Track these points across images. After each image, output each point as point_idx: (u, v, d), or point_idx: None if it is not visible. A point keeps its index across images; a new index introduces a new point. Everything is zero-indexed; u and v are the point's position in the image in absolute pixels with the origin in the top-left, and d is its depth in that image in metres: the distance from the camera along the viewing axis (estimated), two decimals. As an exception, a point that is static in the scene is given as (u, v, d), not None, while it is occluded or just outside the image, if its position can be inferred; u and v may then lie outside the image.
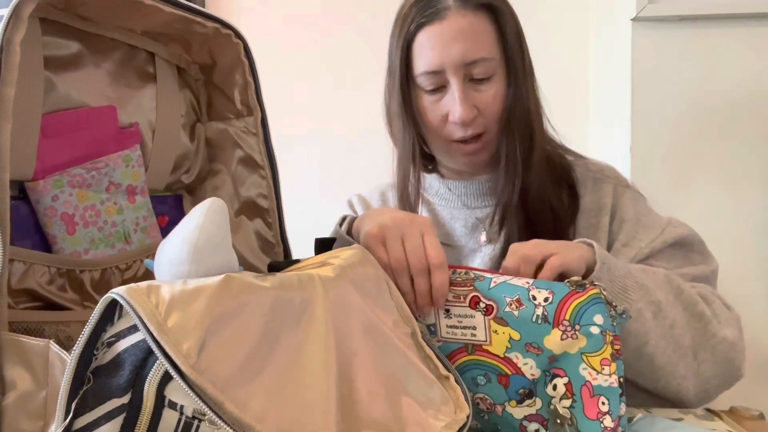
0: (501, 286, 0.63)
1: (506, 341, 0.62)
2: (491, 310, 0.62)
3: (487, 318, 0.62)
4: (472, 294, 0.63)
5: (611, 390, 0.58)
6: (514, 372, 0.62)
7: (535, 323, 0.60)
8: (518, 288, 0.62)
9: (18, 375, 0.48)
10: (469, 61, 0.82)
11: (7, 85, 0.50)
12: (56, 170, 0.64)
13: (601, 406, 0.58)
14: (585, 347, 0.59)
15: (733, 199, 1.19)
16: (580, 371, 0.59)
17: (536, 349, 0.61)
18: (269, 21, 1.58)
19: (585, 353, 0.59)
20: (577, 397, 0.60)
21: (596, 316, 0.59)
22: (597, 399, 0.59)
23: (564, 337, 0.59)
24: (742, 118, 1.18)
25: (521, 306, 0.61)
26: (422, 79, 0.85)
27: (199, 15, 0.68)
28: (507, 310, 0.61)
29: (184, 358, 0.38)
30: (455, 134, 0.86)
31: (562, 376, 0.60)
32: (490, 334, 0.62)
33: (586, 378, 0.59)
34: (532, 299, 0.61)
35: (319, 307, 0.49)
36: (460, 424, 0.55)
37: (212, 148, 0.79)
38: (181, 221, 0.49)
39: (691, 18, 1.17)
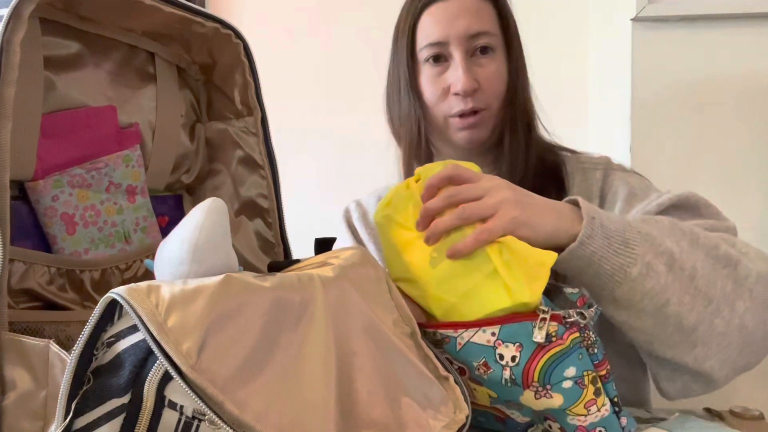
0: (466, 347, 0.59)
1: (487, 398, 0.61)
2: (464, 372, 0.60)
3: (464, 378, 0.61)
4: (445, 355, 0.61)
5: (606, 420, 0.57)
6: (506, 417, 0.62)
7: (506, 386, 0.58)
8: (484, 348, 0.58)
9: (18, 375, 0.48)
10: (473, 33, 0.85)
11: (7, 84, 0.50)
12: (56, 170, 0.64)
13: None
14: (563, 404, 0.57)
15: (734, 199, 1.19)
16: (569, 421, 0.58)
17: (517, 405, 0.59)
18: (269, 21, 1.58)
19: (566, 408, 0.57)
20: None
21: (567, 370, 0.56)
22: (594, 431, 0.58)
23: (538, 397, 0.57)
24: (743, 118, 1.18)
25: (489, 369, 0.58)
26: (426, 51, 0.87)
27: (199, 15, 0.68)
28: (477, 373, 0.59)
29: (184, 358, 0.38)
30: (454, 108, 0.86)
31: (554, 421, 0.59)
32: (470, 389, 0.61)
33: (578, 424, 0.58)
34: (498, 359, 0.57)
35: (319, 307, 0.49)
36: (460, 425, 0.55)
37: (212, 148, 0.79)
38: (181, 221, 0.49)
39: (691, 18, 1.17)
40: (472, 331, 0.58)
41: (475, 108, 0.86)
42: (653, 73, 1.20)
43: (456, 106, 0.86)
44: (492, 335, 0.57)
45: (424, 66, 0.89)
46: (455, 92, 0.86)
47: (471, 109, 0.86)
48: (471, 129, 0.88)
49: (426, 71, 0.89)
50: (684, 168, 1.20)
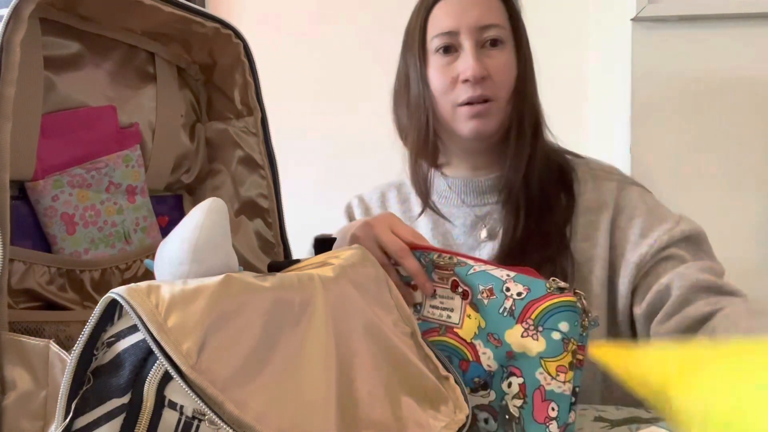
0: (479, 274, 0.65)
1: (475, 327, 0.64)
2: (467, 294, 0.64)
3: (464, 302, 0.65)
4: (452, 278, 0.66)
5: (563, 397, 0.59)
6: (474, 359, 0.64)
7: (501, 315, 0.62)
8: (494, 278, 0.64)
9: (18, 375, 0.48)
10: (484, 24, 0.87)
11: (7, 84, 0.50)
12: (56, 170, 0.64)
13: (550, 412, 0.60)
14: (543, 351, 0.60)
15: (734, 199, 1.19)
16: (536, 375, 0.60)
17: (497, 341, 0.62)
18: (269, 21, 1.58)
19: (543, 358, 0.60)
20: (529, 399, 0.61)
21: (562, 323, 0.59)
22: (547, 404, 0.60)
23: (525, 335, 0.60)
24: (743, 118, 1.18)
25: (492, 296, 0.63)
26: (437, 40, 0.88)
27: (199, 15, 0.68)
28: (479, 297, 0.64)
29: (184, 358, 0.38)
30: (462, 96, 0.87)
31: (518, 375, 0.61)
32: (464, 318, 0.65)
33: (541, 382, 0.60)
34: (504, 290, 0.62)
35: (319, 307, 0.49)
36: (460, 425, 0.55)
37: (212, 148, 0.79)
38: (181, 221, 0.49)
39: (691, 18, 1.17)
40: (491, 266, 0.65)
41: (483, 96, 0.86)
42: (653, 73, 1.20)
43: (464, 94, 0.87)
44: (507, 275, 0.63)
45: (434, 56, 0.89)
46: (465, 79, 0.86)
47: (480, 97, 0.86)
48: (479, 119, 0.87)
49: (436, 61, 0.89)
50: (684, 168, 1.20)
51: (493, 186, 0.94)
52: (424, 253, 0.68)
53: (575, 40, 1.47)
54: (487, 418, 0.64)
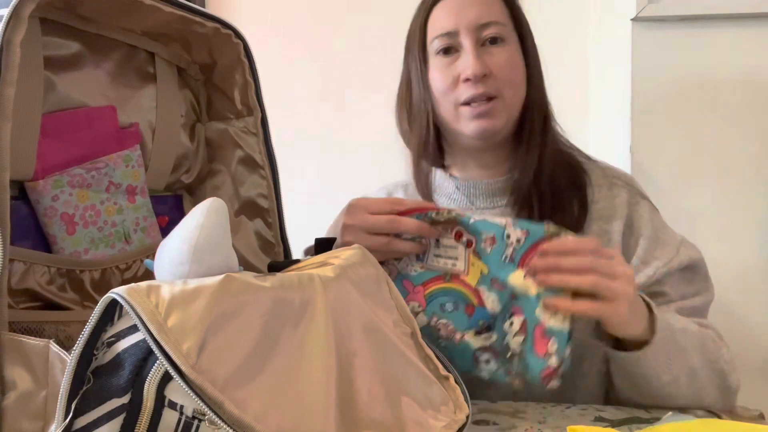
0: (480, 222, 0.68)
1: (479, 273, 0.68)
2: (471, 243, 0.68)
3: (468, 250, 0.69)
4: (456, 228, 0.70)
5: (561, 333, 0.63)
6: (479, 304, 0.68)
7: (503, 261, 0.66)
8: (495, 226, 0.67)
9: (18, 375, 0.48)
10: (483, 22, 0.86)
11: (7, 85, 0.50)
12: (56, 170, 0.64)
13: (550, 346, 0.64)
14: (543, 291, 0.64)
15: (734, 199, 1.19)
16: (536, 313, 0.64)
17: (500, 285, 0.67)
18: (269, 21, 1.58)
19: (542, 297, 0.64)
20: (530, 335, 0.65)
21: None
22: (547, 339, 0.64)
23: (526, 277, 0.65)
24: (743, 117, 1.18)
25: (494, 244, 0.67)
26: (437, 42, 0.88)
27: (199, 15, 0.68)
28: (482, 245, 0.68)
29: (184, 358, 0.38)
30: (464, 95, 0.85)
31: (519, 314, 0.66)
32: (468, 265, 0.68)
33: (541, 319, 0.64)
34: (505, 238, 0.66)
35: (319, 307, 0.49)
36: (460, 425, 0.55)
37: (212, 148, 0.79)
38: (181, 221, 0.49)
39: (691, 18, 1.17)
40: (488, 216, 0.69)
41: (486, 93, 0.84)
42: (653, 73, 1.19)
43: (465, 93, 0.85)
44: (505, 220, 0.67)
45: (434, 58, 0.89)
46: (465, 78, 0.85)
47: (482, 94, 0.84)
48: (483, 118, 0.85)
49: (436, 62, 0.88)
50: (684, 168, 1.20)
51: (503, 188, 0.91)
52: (420, 215, 0.71)
53: (575, 40, 1.47)
54: (489, 359, 0.68)
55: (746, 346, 1.17)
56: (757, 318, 1.18)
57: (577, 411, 0.71)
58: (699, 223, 1.17)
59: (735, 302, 1.16)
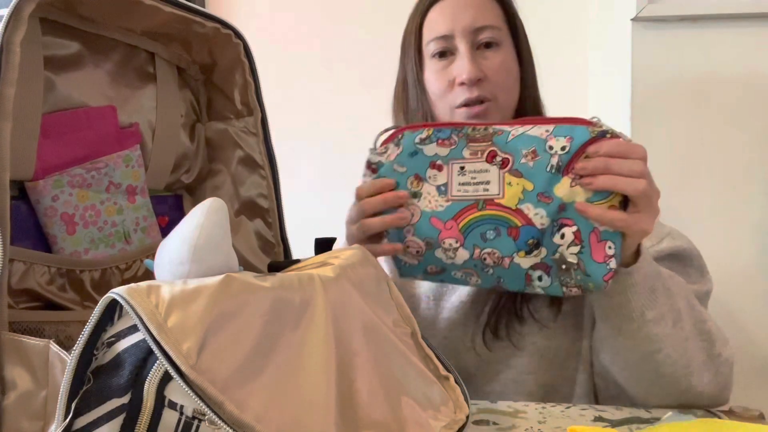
0: (519, 138, 0.65)
1: (519, 192, 0.64)
2: (507, 163, 0.65)
3: (503, 171, 0.65)
4: (489, 149, 0.66)
5: (616, 235, 0.62)
6: (524, 223, 0.64)
7: (549, 173, 0.63)
8: (535, 139, 0.64)
9: (18, 375, 0.48)
10: (478, 26, 0.86)
11: (7, 84, 0.50)
12: (56, 170, 0.64)
13: (608, 250, 0.62)
14: (593, 196, 0.62)
15: (734, 199, 1.19)
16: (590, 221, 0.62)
17: (547, 198, 0.63)
18: (269, 21, 1.58)
19: (594, 202, 0.62)
20: (585, 244, 0.63)
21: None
22: (604, 244, 0.62)
23: (573, 184, 0.62)
24: (743, 117, 1.18)
25: (536, 157, 0.64)
26: (432, 45, 0.88)
27: (199, 15, 0.68)
28: (522, 161, 0.64)
29: (184, 358, 0.38)
30: (459, 98, 0.86)
31: (571, 225, 0.63)
32: (503, 186, 0.65)
33: (595, 225, 0.62)
34: (548, 149, 0.64)
35: (319, 307, 0.49)
36: (460, 425, 0.55)
37: (212, 148, 0.79)
38: (181, 221, 0.49)
39: (691, 18, 1.17)
40: (528, 126, 0.65)
41: (480, 97, 0.86)
42: (653, 73, 1.19)
43: (461, 96, 0.86)
44: (546, 131, 0.64)
45: (430, 61, 0.89)
46: (460, 82, 0.86)
47: (476, 98, 0.86)
48: (477, 120, 0.86)
49: (432, 66, 0.89)
50: (684, 167, 1.20)
51: None
52: (455, 129, 0.68)
53: (575, 40, 1.47)
54: (540, 275, 0.65)
55: (746, 346, 1.17)
56: (757, 318, 1.18)
57: (577, 411, 0.71)
58: (698, 222, 1.17)
59: (734, 302, 1.16)
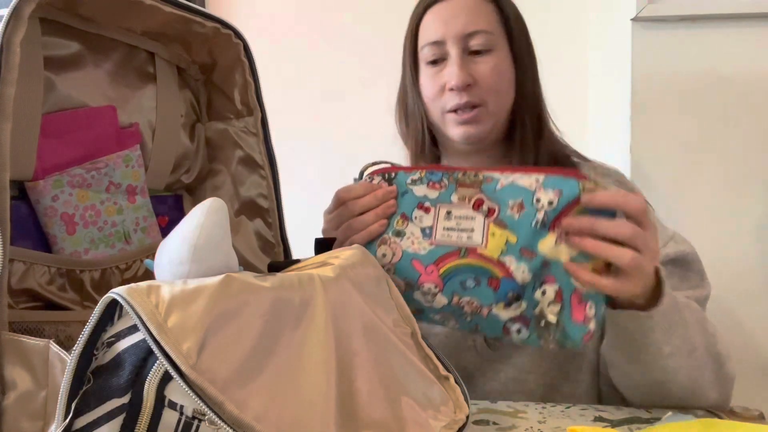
0: (507, 188, 0.64)
1: (503, 244, 0.63)
2: (493, 212, 0.63)
3: (488, 220, 0.64)
4: (477, 196, 0.65)
5: (598, 296, 0.61)
6: (505, 275, 0.62)
7: (534, 228, 0.61)
8: (523, 190, 0.63)
9: (18, 375, 0.48)
10: (469, 32, 0.87)
11: (7, 84, 0.50)
12: (56, 170, 0.64)
13: (588, 311, 0.61)
14: (577, 255, 0.60)
15: (734, 199, 1.19)
16: (571, 279, 0.61)
17: (530, 252, 0.62)
18: (269, 21, 1.58)
19: (577, 261, 0.60)
20: (566, 303, 0.61)
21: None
22: (585, 305, 0.61)
23: (558, 242, 0.61)
24: (742, 118, 1.18)
25: (522, 209, 0.62)
26: (425, 50, 0.89)
27: (199, 15, 0.68)
28: (508, 213, 0.63)
29: (184, 358, 0.38)
30: (449, 103, 0.87)
31: (552, 283, 0.62)
32: (487, 236, 0.63)
33: (576, 285, 0.61)
34: (535, 203, 0.62)
35: (319, 307, 0.49)
36: (460, 425, 0.55)
37: (212, 148, 0.79)
38: (181, 221, 0.49)
39: (691, 18, 1.17)
40: (519, 174, 0.63)
41: (470, 102, 0.86)
42: (653, 73, 1.19)
43: (451, 101, 0.87)
44: (536, 181, 0.62)
45: (424, 65, 0.90)
46: (450, 87, 0.87)
47: (466, 104, 0.86)
48: (467, 125, 0.88)
49: (426, 70, 0.90)
50: (684, 168, 1.20)
51: None
52: (447, 173, 0.67)
53: (575, 40, 1.47)
54: (520, 328, 0.64)
55: (746, 346, 1.17)
56: (757, 318, 1.18)
57: (577, 411, 0.71)
58: (698, 222, 1.17)
59: (734, 302, 1.16)
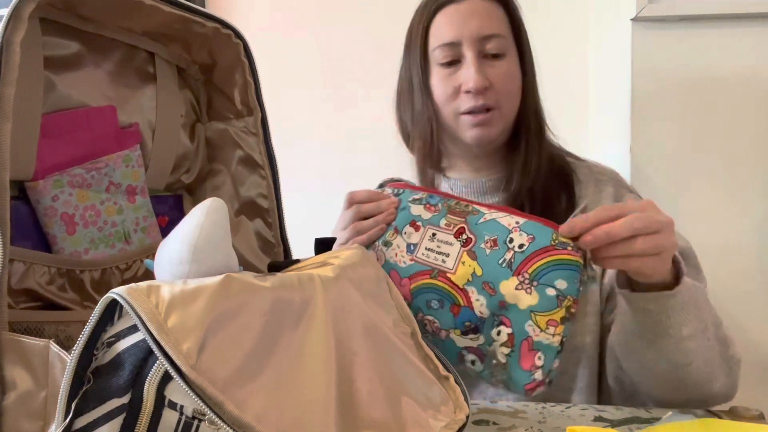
0: (488, 223, 0.66)
1: (469, 274, 0.65)
2: (469, 242, 0.66)
3: (463, 249, 0.66)
4: (460, 225, 0.67)
5: (550, 348, 0.61)
6: (466, 305, 0.64)
7: (500, 266, 0.63)
8: (501, 228, 0.65)
9: (18, 375, 0.48)
10: (485, 35, 0.87)
11: (7, 84, 0.50)
12: (56, 170, 0.64)
13: (537, 360, 0.61)
14: (535, 306, 0.61)
15: (734, 199, 1.19)
16: (525, 327, 0.62)
17: (491, 289, 0.63)
18: (269, 20, 1.58)
19: (534, 311, 0.61)
20: (516, 349, 0.62)
21: (559, 280, 0.61)
22: (534, 354, 0.61)
23: (519, 288, 0.62)
24: (743, 118, 1.18)
25: (495, 246, 0.64)
26: (438, 52, 0.89)
27: (199, 15, 0.68)
28: (482, 246, 0.65)
29: (184, 358, 0.38)
30: (465, 105, 0.88)
31: (508, 326, 0.63)
32: (458, 263, 0.65)
33: (529, 333, 0.61)
34: (508, 242, 0.64)
35: (319, 307, 0.49)
36: (460, 425, 0.55)
37: (212, 148, 0.79)
38: (181, 221, 0.49)
39: (691, 18, 1.17)
40: (503, 213, 0.66)
41: (485, 105, 0.87)
42: (653, 73, 1.19)
43: (466, 103, 0.88)
44: (516, 223, 0.65)
45: (436, 67, 0.90)
46: (467, 90, 0.87)
47: (482, 106, 0.87)
48: (481, 127, 0.89)
49: (438, 71, 0.90)
50: (684, 168, 1.20)
51: (494, 186, 0.95)
52: (443, 199, 0.70)
53: (575, 40, 1.47)
54: (474, 360, 0.66)
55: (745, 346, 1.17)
56: (757, 318, 1.18)
57: (578, 411, 0.71)
58: (698, 222, 1.17)
59: (734, 302, 1.16)
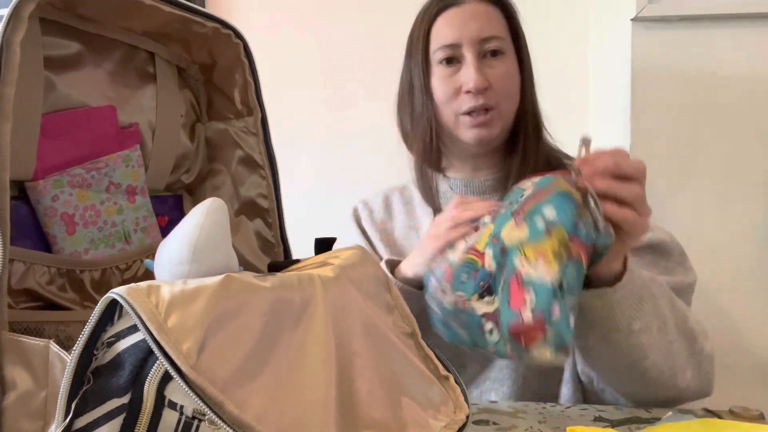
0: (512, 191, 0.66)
1: (487, 236, 0.64)
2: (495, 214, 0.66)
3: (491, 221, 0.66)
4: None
5: (542, 287, 0.54)
6: (482, 265, 0.62)
7: (505, 216, 0.62)
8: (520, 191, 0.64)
9: (18, 375, 0.48)
10: (485, 36, 0.89)
11: (7, 84, 0.50)
12: (56, 170, 0.64)
13: (527, 298, 0.55)
14: (524, 238, 0.57)
15: (734, 199, 1.19)
16: (515, 261, 0.56)
17: (495, 239, 0.62)
18: (269, 21, 1.58)
19: (523, 244, 0.56)
20: (506, 286, 0.57)
21: (548, 207, 0.56)
22: (524, 291, 0.55)
23: (514, 227, 0.59)
24: (743, 118, 1.18)
25: (510, 206, 0.63)
26: (439, 53, 0.91)
27: (199, 15, 0.68)
28: (502, 211, 0.64)
29: (184, 358, 0.38)
30: (465, 105, 0.89)
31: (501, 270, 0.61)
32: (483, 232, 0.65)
33: (517, 266, 0.56)
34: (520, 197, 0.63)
35: (319, 307, 0.49)
36: (460, 425, 0.55)
37: (212, 148, 0.79)
38: (181, 221, 0.49)
39: (691, 18, 1.17)
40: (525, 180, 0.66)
41: (485, 105, 0.89)
42: (653, 73, 1.20)
43: (467, 104, 0.89)
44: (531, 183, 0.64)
45: (437, 67, 0.92)
46: (467, 90, 0.89)
47: (482, 106, 0.89)
48: (481, 127, 0.90)
49: (439, 72, 0.92)
50: (683, 167, 1.20)
51: (493, 186, 0.96)
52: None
53: (575, 40, 1.47)
54: (492, 329, 0.59)
55: (745, 346, 1.17)
56: (756, 318, 1.18)
57: (577, 411, 0.71)
58: (698, 222, 1.17)
59: (733, 302, 1.16)
